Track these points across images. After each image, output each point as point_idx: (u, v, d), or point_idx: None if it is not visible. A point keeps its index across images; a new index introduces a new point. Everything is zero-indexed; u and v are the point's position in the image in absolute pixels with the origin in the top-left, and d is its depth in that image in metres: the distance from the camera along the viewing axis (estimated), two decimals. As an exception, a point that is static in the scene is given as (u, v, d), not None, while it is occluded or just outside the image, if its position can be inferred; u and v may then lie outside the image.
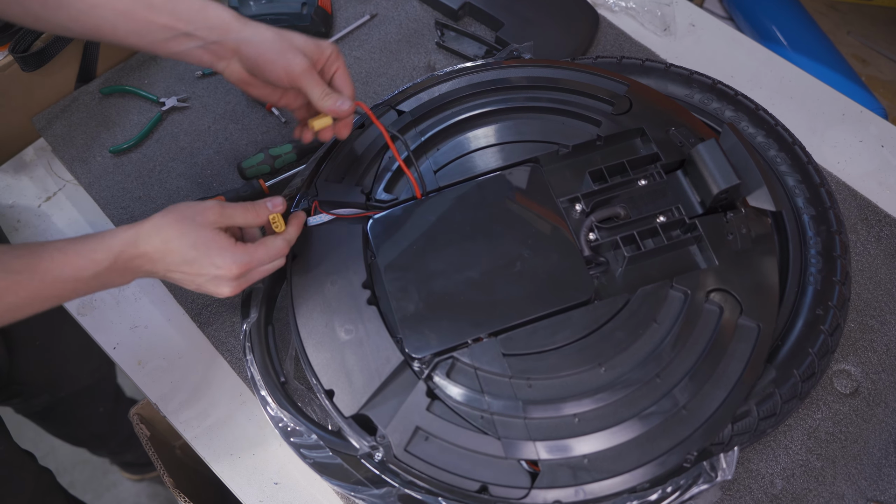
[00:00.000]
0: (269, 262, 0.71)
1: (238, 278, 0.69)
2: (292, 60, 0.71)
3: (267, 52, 0.71)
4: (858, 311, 0.86)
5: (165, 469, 0.88)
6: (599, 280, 0.74)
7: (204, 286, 0.69)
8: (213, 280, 0.68)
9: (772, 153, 0.87)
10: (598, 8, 1.11)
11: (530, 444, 0.66)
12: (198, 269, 0.67)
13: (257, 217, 0.71)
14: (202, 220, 0.67)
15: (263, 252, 0.70)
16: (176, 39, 0.72)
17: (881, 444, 0.79)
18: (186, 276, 0.68)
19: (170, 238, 0.66)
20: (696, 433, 0.66)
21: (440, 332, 0.70)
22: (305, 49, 0.73)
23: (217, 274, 0.67)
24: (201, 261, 0.67)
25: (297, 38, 0.73)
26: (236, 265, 0.68)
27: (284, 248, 0.72)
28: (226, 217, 0.69)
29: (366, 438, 0.67)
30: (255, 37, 0.72)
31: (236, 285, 0.69)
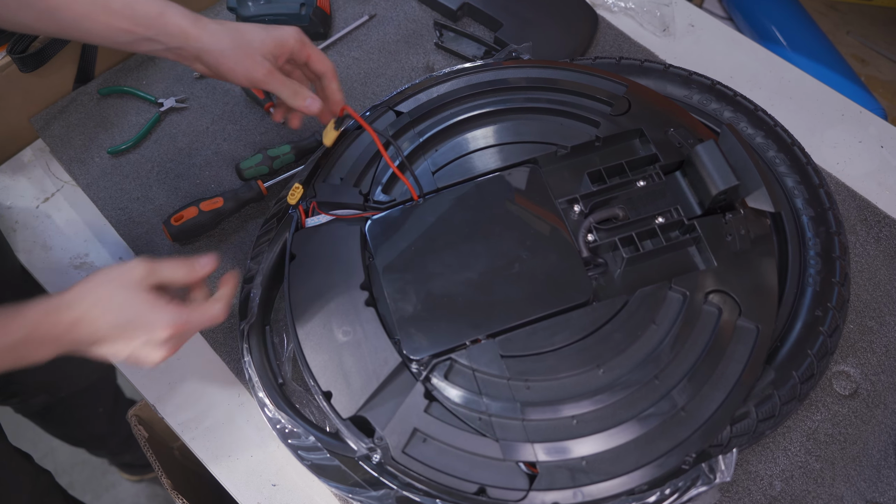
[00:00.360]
0: (204, 326, 0.67)
1: (172, 339, 0.64)
2: (251, 67, 0.72)
3: (226, 61, 0.72)
4: (858, 313, 0.86)
5: (163, 470, 0.88)
6: (598, 281, 0.74)
7: (136, 353, 0.64)
8: (146, 344, 0.63)
9: (771, 154, 0.86)
10: (597, 8, 1.11)
11: (528, 445, 0.66)
12: (130, 333, 0.63)
13: (189, 274, 0.67)
14: (129, 279, 0.63)
15: (199, 315, 0.66)
16: (139, 42, 0.72)
17: (880, 445, 0.79)
18: (116, 344, 0.63)
19: (97, 302, 0.62)
20: (695, 435, 0.66)
21: (438, 334, 0.70)
22: (265, 49, 0.73)
23: (150, 337, 0.63)
24: (134, 322, 0.62)
25: (255, 39, 0.73)
26: (172, 325, 0.63)
27: (222, 313, 0.67)
28: (154, 273, 0.65)
29: (363, 440, 0.67)
30: (214, 46, 0.72)
31: (169, 348, 0.65)
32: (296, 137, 0.99)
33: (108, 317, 0.62)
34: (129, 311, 0.63)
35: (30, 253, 0.93)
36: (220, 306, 0.67)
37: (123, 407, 1.38)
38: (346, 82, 1.05)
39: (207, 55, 0.72)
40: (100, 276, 0.63)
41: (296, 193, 0.78)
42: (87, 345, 0.63)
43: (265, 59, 0.73)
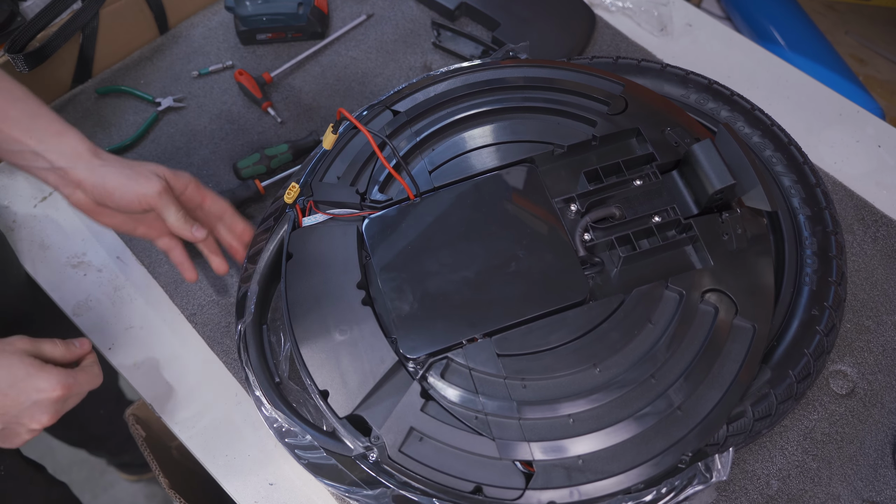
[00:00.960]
0: (89, 387, 0.68)
1: (60, 401, 0.64)
2: (145, 184, 0.72)
3: (118, 178, 0.72)
4: (854, 312, 0.86)
5: (161, 470, 0.88)
6: (594, 280, 0.74)
7: (19, 418, 0.64)
8: (32, 407, 0.63)
9: (767, 153, 0.86)
10: (595, 8, 1.11)
11: (525, 444, 0.66)
12: (16, 395, 0.62)
13: (66, 353, 0.68)
14: (12, 348, 0.64)
15: (85, 376, 0.67)
16: (23, 154, 0.72)
17: (877, 444, 0.79)
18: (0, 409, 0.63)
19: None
20: (691, 434, 0.66)
21: (435, 333, 0.70)
22: (159, 172, 0.74)
23: (38, 398, 0.63)
24: (20, 385, 0.62)
25: (152, 165, 0.74)
26: (61, 386, 0.64)
27: (101, 375, 0.70)
28: (35, 347, 0.66)
29: (360, 439, 0.67)
30: (107, 170, 0.72)
31: (56, 411, 0.65)
32: (293, 136, 0.99)
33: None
34: (17, 373, 0.63)
35: (27, 252, 0.93)
36: (98, 370, 0.70)
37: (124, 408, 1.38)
38: (343, 82, 1.05)
39: (97, 176, 0.72)
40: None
41: (292, 192, 0.78)
42: None
43: (160, 179, 0.73)
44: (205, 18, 1.11)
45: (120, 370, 0.86)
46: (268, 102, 1.01)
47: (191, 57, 1.07)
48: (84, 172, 0.72)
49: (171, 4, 1.07)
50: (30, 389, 0.63)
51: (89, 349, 0.71)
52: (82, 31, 0.99)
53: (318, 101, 1.03)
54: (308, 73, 1.06)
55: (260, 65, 1.06)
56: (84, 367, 0.69)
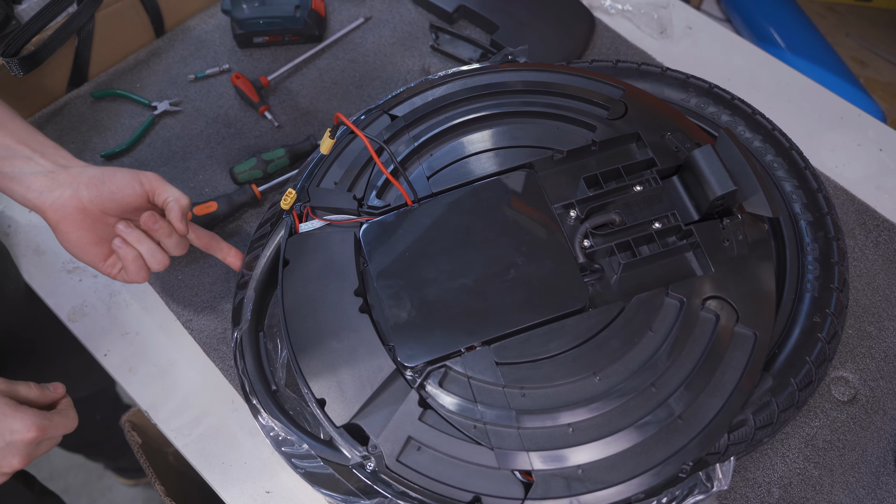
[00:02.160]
0: (64, 431, 0.67)
1: (33, 444, 0.63)
2: (142, 175, 0.73)
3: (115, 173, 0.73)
4: (856, 318, 0.85)
5: (157, 476, 0.87)
6: (594, 287, 0.73)
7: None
8: (4, 449, 0.62)
9: (769, 158, 0.86)
10: (594, 11, 1.10)
11: (524, 454, 0.65)
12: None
13: (42, 396, 0.68)
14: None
15: (60, 419, 0.66)
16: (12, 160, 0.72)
17: (879, 452, 0.78)
18: None
19: None
20: (692, 443, 0.66)
21: (433, 341, 0.69)
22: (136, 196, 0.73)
23: (11, 440, 0.62)
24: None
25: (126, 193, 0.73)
26: (35, 427, 0.63)
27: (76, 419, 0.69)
28: (10, 387, 0.65)
29: (357, 448, 0.67)
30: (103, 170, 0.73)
31: (28, 454, 0.64)
32: (290, 141, 0.99)
33: None
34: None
35: (22, 258, 0.93)
36: (73, 414, 0.69)
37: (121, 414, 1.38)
38: (341, 85, 1.04)
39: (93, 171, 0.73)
40: None
41: (289, 198, 0.77)
42: None
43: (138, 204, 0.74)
44: (201, 21, 1.10)
45: (115, 377, 0.85)
46: (265, 106, 1.01)
47: (187, 60, 1.06)
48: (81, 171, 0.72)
49: (167, 7, 1.06)
50: (3, 430, 0.62)
51: (63, 393, 0.70)
52: (78, 35, 0.98)
53: (316, 104, 1.03)
54: (305, 76, 1.05)
55: (257, 68, 1.06)
56: (59, 411, 0.68)
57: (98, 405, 1.32)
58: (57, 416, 0.66)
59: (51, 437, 0.65)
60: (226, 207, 0.90)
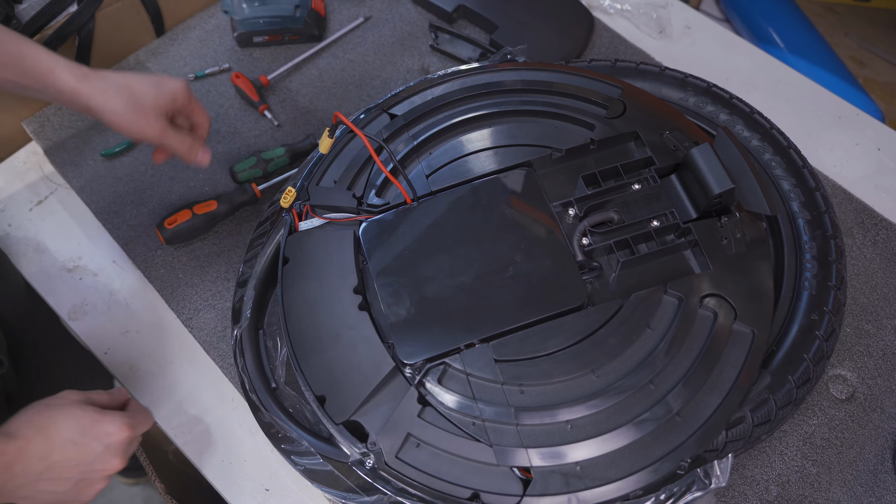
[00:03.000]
0: (147, 426, 0.70)
1: (128, 443, 0.66)
2: (145, 126, 0.72)
3: (118, 119, 0.72)
4: (854, 316, 0.85)
5: (157, 474, 0.87)
6: (593, 285, 0.73)
7: (93, 465, 0.64)
8: (104, 452, 0.64)
9: (767, 157, 0.86)
10: (593, 10, 1.11)
11: (522, 451, 0.65)
12: (87, 443, 0.63)
13: (111, 401, 0.69)
14: (67, 401, 0.64)
15: (142, 416, 0.69)
16: (28, 91, 0.72)
17: (877, 449, 0.78)
18: (70, 463, 0.62)
19: (42, 427, 0.62)
20: (690, 440, 0.66)
21: (432, 338, 0.69)
22: (157, 107, 0.73)
23: (109, 442, 0.64)
24: (89, 432, 0.63)
25: (147, 97, 0.72)
26: (126, 426, 0.65)
27: (151, 417, 0.72)
28: (86, 397, 0.67)
29: (357, 445, 0.67)
30: (104, 105, 0.71)
31: (125, 453, 0.66)
32: (290, 140, 0.99)
33: (62, 433, 0.62)
34: (83, 421, 0.63)
35: (23, 256, 0.93)
36: (147, 411, 0.72)
37: None
38: (340, 85, 1.04)
39: (98, 113, 0.72)
40: (34, 406, 0.64)
41: (289, 197, 0.77)
42: (34, 477, 0.61)
43: (158, 118, 0.73)
44: (201, 21, 1.10)
45: (116, 375, 0.86)
46: (264, 105, 1.01)
47: (187, 60, 1.07)
48: (86, 107, 0.72)
49: (167, 7, 1.07)
50: (99, 434, 0.63)
51: (127, 396, 0.72)
52: (78, 34, 0.98)
53: (315, 104, 1.03)
54: (305, 76, 1.05)
55: (257, 68, 1.06)
56: (134, 410, 0.70)
57: None
58: (138, 413, 0.69)
59: (137, 436, 0.68)
60: (225, 206, 0.90)
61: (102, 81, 0.71)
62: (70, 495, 0.64)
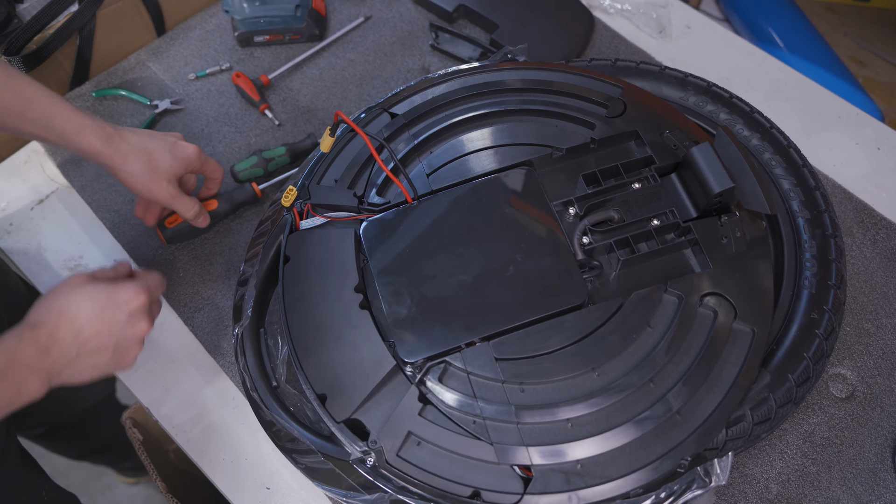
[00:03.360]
0: (161, 289, 0.73)
1: (147, 307, 0.68)
2: (157, 191, 0.78)
3: (134, 182, 0.77)
4: (854, 315, 0.85)
5: (158, 473, 0.88)
6: (593, 284, 0.74)
7: (122, 335, 0.66)
8: (129, 319, 0.67)
9: (766, 156, 0.86)
10: (594, 10, 1.11)
11: (523, 449, 0.65)
12: (111, 314, 0.65)
13: (118, 273, 0.72)
14: (78, 281, 0.66)
15: (152, 279, 0.72)
16: (52, 143, 0.77)
17: (877, 448, 0.78)
18: (101, 334, 0.65)
19: (64, 308, 0.64)
20: (690, 438, 0.66)
21: (433, 337, 0.70)
22: (171, 173, 0.78)
23: (130, 309, 0.66)
24: (110, 303, 0.65)
25: (163, 164, 0.77)
26: (141, 290, 0.67)
27: (162, 278, 0.74)
28: (92, 275, 0.68)
29: (358, 443, 0.67)
30: (124, 167, 0.76)
31: (149, 315, 0.69)
32: (291, 139, 0.99)
33: (84, 312, 0.64)
34: (100, 298, 0.65)
35: (24, 255, 0.93)
36: (157, 273, 0.74)
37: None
38: (341, 84, 1.05)
39: (117, 173, 0.77)
40: (47, 296, 0.65)
41: (290, 196, 0.77)
42: (74, 355, 0.63)
43: (171, 183, 0.79)
44: (202, 21, 1.10)
45: (117, 373, 0.85)
46: (265, 105, 1.01)
47: (188, 59, 1.07)
48: (108, 166, 0.77)
49: (168, 6, 1.07)
50: (119, 303, 0.66)
51: (129, 267, 0.74)
52: (79, 33, 0.98)
53: (316, 103, 1.03)
54: (306, 75, 1.05)
55: (257, 67, 1.06)
56: (143, 277, 0.71)
57: (102, 415, 1.32)
58: (149, 277, 0.72)
59: (155, 298, 0.71)
60: (226, 205, 0.90)
61: (125, 144, 0.75)
62: (112, 364, 0.67)
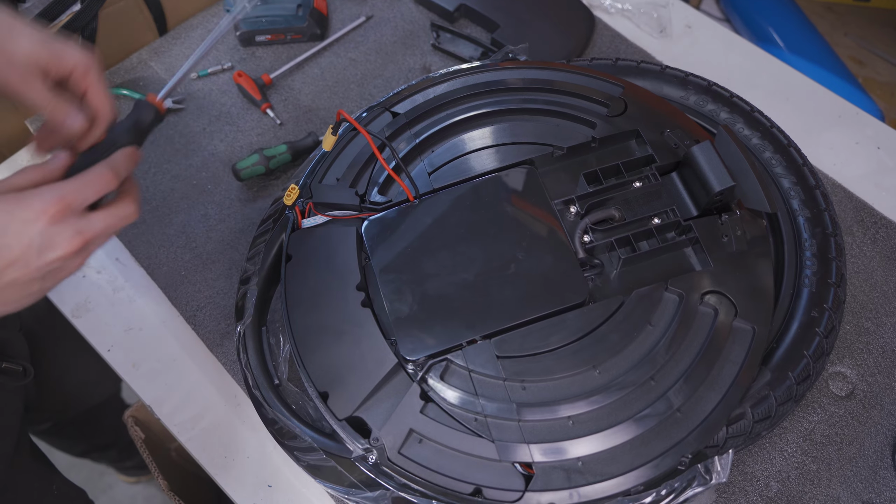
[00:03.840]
0: (93, 189, 0.54)
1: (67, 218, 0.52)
2: (5, 67, 0.58)
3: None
4: (854, 314, 0.86)
5: (160, 471, 0.88)
6: (594, 282, 0.74)
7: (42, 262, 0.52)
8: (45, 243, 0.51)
9: (767, 155, 0.86)
10: (594, 10, 1.11)
11: (524, 446, 0.66)
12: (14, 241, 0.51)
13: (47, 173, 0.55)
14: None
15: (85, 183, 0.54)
16: None
17: (876, 446, 0.79)
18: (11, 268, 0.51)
19: None
20: (691, 436, 0.66)
21: (434, 335, 0.70)
22: (32, 56, 0.58)
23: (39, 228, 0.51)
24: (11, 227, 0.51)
25: (22, 42, 0.58)
26: (55, 200, 0.52)
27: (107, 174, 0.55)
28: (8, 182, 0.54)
29: (360, 441, 0.67)
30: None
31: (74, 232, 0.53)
32: (292, 138, 0.99)
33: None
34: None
35: (26, 254, 0.93)
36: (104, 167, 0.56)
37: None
38: (342, 84, 1.05)
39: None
40: None
41: (292, 194, 0.78)
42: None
43: (27, 66, 0.58)
44: (204, 20, 1.11)
45: (119, 372, 0.86)
46: (267, 104, 1.01)
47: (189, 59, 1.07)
48: None
49: (169, 6, 1.07)
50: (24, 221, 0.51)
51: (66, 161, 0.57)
52: (81, 33, 0.99)
53: (318, 102, 1.03)
54: (307, 74, 1.06)
55: (259, 66, 1.06)
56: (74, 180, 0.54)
57: (106, 413, 1.32)
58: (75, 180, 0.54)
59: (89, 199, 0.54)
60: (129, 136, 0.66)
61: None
62: (41, 289, 0.54)
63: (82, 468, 1.67)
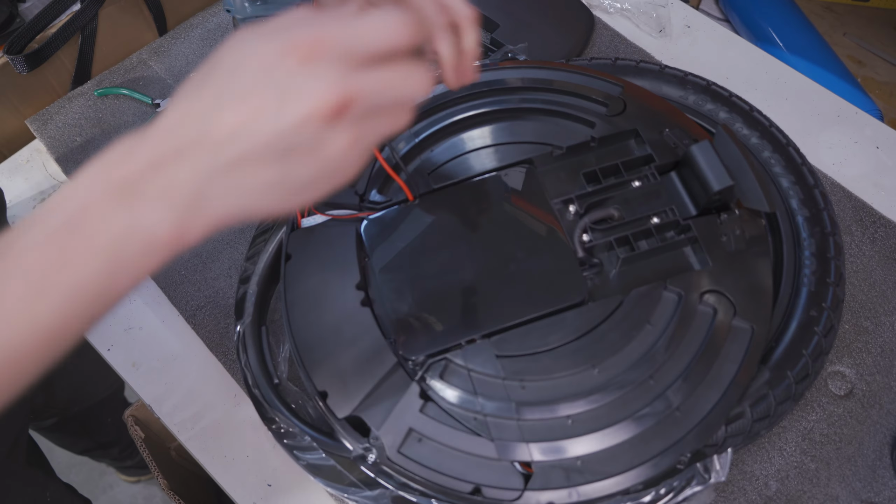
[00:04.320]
0: (368, 42, 0.37)
1: (320, 59, 0.36)
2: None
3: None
4: (853, 313, 0.86)
5: (160, 471, 0.88)
6: (593, 281, 0.74)
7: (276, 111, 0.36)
8: (286, 82, 0.35)
9: (766, 154, 0.87)
10: (594, 9, 1.11)
11: (523, 445, 0.66)
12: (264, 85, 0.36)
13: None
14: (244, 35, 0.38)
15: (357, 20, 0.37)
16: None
17: (876, 445, 0.79)
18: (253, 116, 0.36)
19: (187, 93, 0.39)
20: (690, 435, 0.66)
21: (433, 334, 0.70)
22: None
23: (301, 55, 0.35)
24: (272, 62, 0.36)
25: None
26: (310, 33, 0.36)
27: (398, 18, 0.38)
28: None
29: (359, 440, 0.67)
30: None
31: (331, 79, 0.35)
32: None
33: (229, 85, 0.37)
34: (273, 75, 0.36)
35: (26, 253, 0.93)
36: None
37: None
38: (342, 83, 1.05)
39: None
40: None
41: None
42: (213, 164, 0.37)
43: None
44: (204, 20, 1.11)
45: (119, 371, 0.86)
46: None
47: (189, 58, 1.07)
48: None
49: (169, 6, 1.07)
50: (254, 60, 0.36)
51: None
52: (81, 33, 0.99)
53: (317, 102, 1.03)
54: (307, 74, 1.06)
55: (259, 66, 1.06)
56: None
57: (108, 409, 1.32)
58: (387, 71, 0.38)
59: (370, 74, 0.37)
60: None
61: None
62: (282, 181, 0.38)
63: (82, 468, 1.68)
